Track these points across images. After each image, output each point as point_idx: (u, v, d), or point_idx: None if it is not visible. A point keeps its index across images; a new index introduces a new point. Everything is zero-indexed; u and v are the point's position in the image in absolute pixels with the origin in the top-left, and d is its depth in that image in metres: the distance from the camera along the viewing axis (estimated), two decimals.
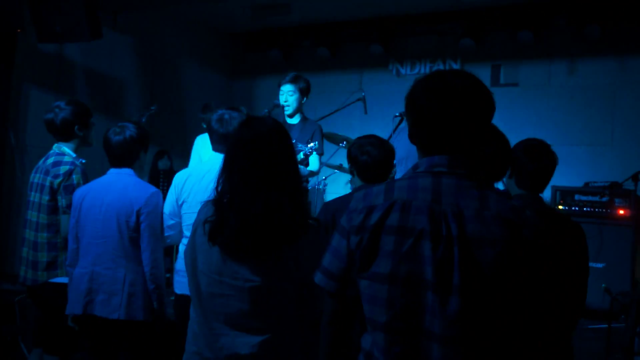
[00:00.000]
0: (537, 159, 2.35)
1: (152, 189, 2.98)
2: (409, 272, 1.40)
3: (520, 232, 1.39)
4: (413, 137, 1.53)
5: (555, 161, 2.41)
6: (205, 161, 3.05)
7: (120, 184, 2.94)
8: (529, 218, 1.42)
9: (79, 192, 3.03)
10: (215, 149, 2.97)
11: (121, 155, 2.99)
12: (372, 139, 2.95)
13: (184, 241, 2.92)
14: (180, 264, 2.89)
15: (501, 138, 2.20)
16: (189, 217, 2.87)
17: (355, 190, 2.97)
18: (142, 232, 2.88)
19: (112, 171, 3.03)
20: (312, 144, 4.25)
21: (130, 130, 2.98)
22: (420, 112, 1.49)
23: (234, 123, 2.85)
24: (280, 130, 2.03)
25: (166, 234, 2.97)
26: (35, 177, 3.36)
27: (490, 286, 1.36)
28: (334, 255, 1.57)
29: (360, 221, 1.49)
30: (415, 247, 1.40)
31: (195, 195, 2.86)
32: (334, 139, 5.44)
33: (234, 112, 2.93)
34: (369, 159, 2.88)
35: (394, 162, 4.46)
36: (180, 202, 2.91)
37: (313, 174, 4.60)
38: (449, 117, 1.44)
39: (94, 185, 3.01)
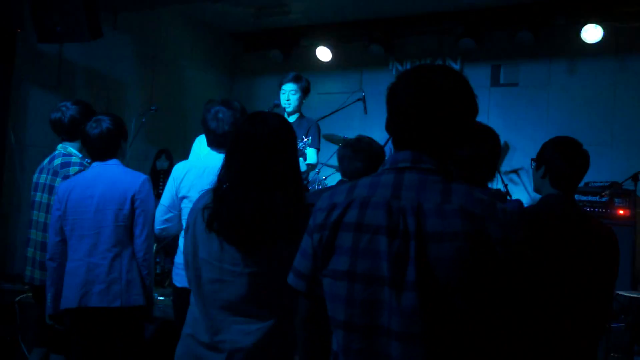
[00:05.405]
0: (573, 160, 2.39)
1: (143, 175, 3.00)
2: (366, 268, 1.39)
3: (484, 226, 1.33)
4: (388, 128, 1.52)
5: (588, 160, 2.44)
6: (202, 157, 3.03)
7: (109, 174, 2.95)
8: (499, 211, 1.36)
9: (64, 186, 3.02)
10: (210, 147, 2.94)
11: (103, 149, 2.99)
12: (359, 139, 3.08)
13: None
14: (180, 257, 2.85)
15: (494, 139, 2.21)
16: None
17: (337, 184, 3.03)
18: (136, 218, 2.90)
19: (97, 164, 3.02)
20: (305, 140, 4.31)
21: (106, 122, 2.99)
22: (395, 104, 1.47)
23: (225, 126, 2.82)
24: (283, 129, 2.04)
25: (163, 226, 2.91)
26: (41, 178, 3.35)
27: (450, 282, 1.32)
28: (302, 254, 1.57)
29: (322, 219, 1.49)
30: (372, 243, 1.38)
31: (197, 191, 2.80)
32: (334, 140, 5.44)
33: (228, 110, 2.86)
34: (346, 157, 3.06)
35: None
36: (180, 196, 2.87)
37: (311, 166, 4.69)
38: (420, 114, 1.42)
39: (80, 179, 3.01)
